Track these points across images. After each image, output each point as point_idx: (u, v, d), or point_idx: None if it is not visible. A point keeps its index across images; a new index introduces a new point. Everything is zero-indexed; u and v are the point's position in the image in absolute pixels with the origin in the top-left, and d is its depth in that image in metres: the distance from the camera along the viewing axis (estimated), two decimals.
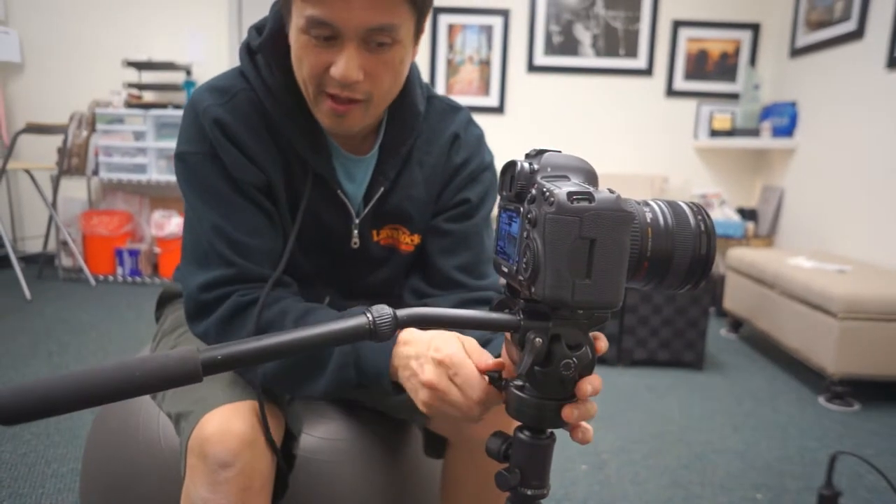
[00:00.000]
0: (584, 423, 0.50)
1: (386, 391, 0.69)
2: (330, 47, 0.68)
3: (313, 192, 0.81)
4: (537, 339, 0.46)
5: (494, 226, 0.57)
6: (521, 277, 0.47)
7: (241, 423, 0.68)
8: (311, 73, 0.71)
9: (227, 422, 0.68)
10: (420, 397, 0.62)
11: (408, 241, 0.89)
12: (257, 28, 0.79)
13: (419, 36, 0.76)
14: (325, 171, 0.80)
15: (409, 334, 0.67)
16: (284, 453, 0.77)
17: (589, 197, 0.43)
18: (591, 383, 0.49)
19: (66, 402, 0.35)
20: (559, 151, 0.49)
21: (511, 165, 0.50)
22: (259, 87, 0.77)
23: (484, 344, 0.75)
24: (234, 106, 0.76)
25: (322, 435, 0.89)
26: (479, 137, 0.91)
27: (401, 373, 0.66)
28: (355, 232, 0.85)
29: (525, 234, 0.46)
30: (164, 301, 1.02)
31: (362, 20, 0.66)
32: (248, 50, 0.79)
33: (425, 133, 0.87)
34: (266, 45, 0.76)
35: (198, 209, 0.77)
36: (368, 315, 0.45)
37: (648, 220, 0.48)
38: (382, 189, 0.84)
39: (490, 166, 0.91)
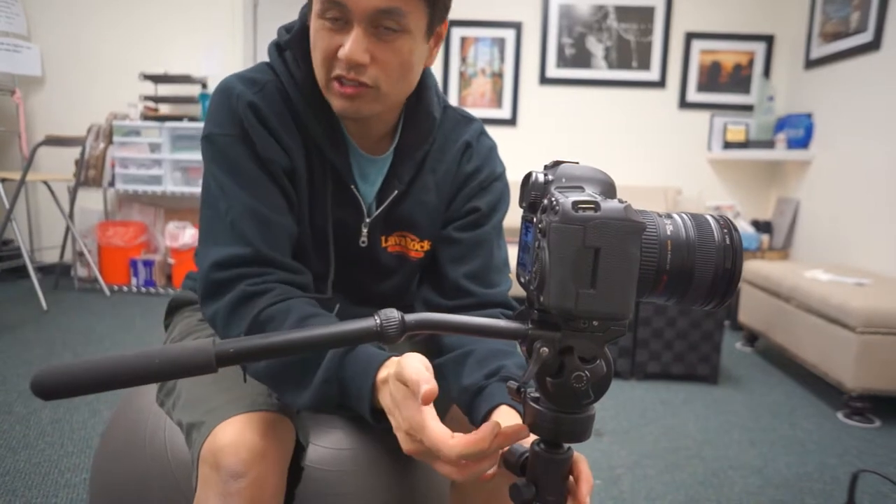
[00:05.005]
0: None
1: (365, 416, 0.66)
2: (341, 31, 0.71)
3: (330, 186, 0.83)
4: (543, 349, 0.46)
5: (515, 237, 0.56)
6: (531, 287, 0.47)
7: (254, 435, 0.68)
8: (322, 56, 0.73)
9: (240, 433, 0.68)
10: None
11: (417, 247, 0.89)
12: (287, 28, 0.83)
13: (435, 37, 0.78)
14: (341, 165, 0.82)
15: (385, 372, 0.63)
16: (293, 465, 0.76)
17: (595, 206, 0.43)
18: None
19: (94, 383, 0.40)
20: (577, 163, 0.49)
21: (528, 177, 0.50)
22: (286, 79, 0.80)
23: (477, 392, 0.74)
24: (264, 94, 0.79)
25: (329, 445, 0.89)
26: (491, 148, 0.92)
27: (388, 414, 0.63)
28: (364, 230, 0.86)
29: (536, 243, 0.46)
30: (174, 309, 1.02)
31: (370, 1, 0.68)
32: (277, 47, 0.82)
33: (438, 141, 0.88)
34: (293, 42, 0.80)
35: (226, 187, 0.77)
36: (376, 318, 0.46)
37: (668, 233, 0.47)
38: (396, 192, 0.85)
39: (501, 176, 0.92)
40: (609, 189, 0.47)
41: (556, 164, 0.49)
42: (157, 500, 0.85)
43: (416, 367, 0.55)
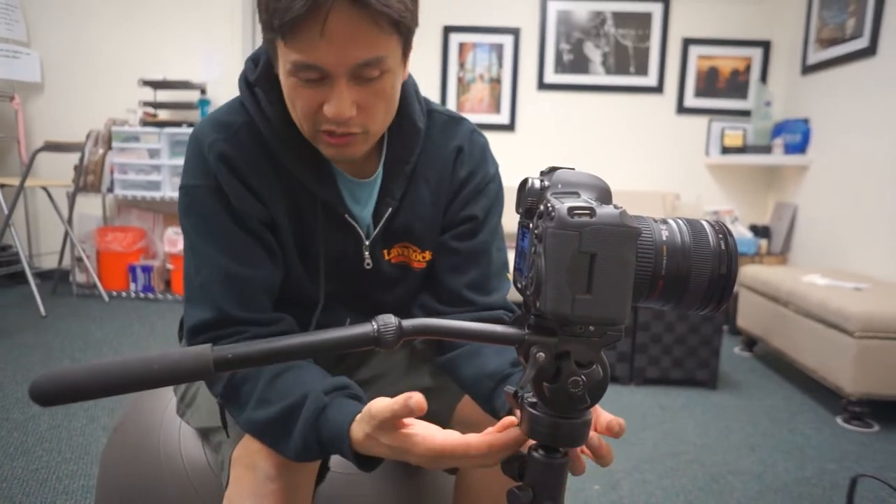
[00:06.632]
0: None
1: (350, 461, 0.65)
2: (320, 86, 0.67)
3: (322, 220, 0.80)
4: (539, 354, 0.46)
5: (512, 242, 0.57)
6: (528, 292, 0.47)
7: None
8: (304, 113, 0.70)
9: None
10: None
11: (419, 258, 0.88)
12: (254, 60, 0.78)
13: (408, 56, 0.74)
14: (331, 197, 0.79)
15: (361, 433, 0.61)
16: (321, 466, 0.78)
17: (590, 212, 0.43)
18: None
19: (93, 389, 0.40)
20: (573, 169, 0.49)
21: (524, 183, 0.50)
22: (259, 119, 0.76)
23: (502, 379, 0.75)
24: (237, 140, 0.76)
25: None
26: (483, 148, 0.90)
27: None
28: (366, 254, 0.84)
29: (533, 249, 0.46)
30: None
31: (349, 58, 0.65)
32: (246, 82, 0.78)
33: (428, 149, 0.86)
34: (262, 79, 0.76)
35: (196, 245, 0.76)
36: (374, 323, 0.46)
37: (664, 238, 0.48)
38: (391, 210, 0.83)
39: (495, 177, 0.90)
40: (604, 195, 0.48)
41: (552, 170, 0.50)
42: (169, 503, 0.86)
43: (383, 403, 0.56)
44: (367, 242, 0.84)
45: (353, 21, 0.62)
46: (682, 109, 3.76)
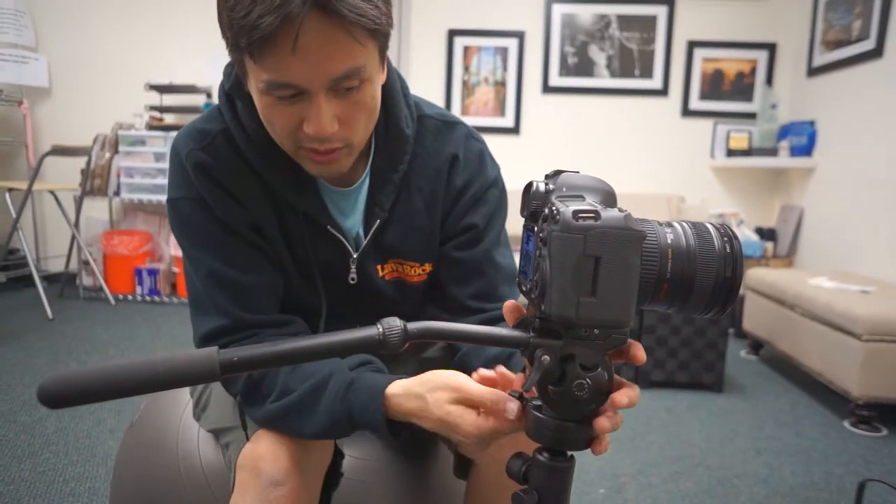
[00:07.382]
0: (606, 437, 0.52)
1: (383, 436, 0.67)
2: (297, 102, 0.64)
3: (306, 230, 0.78)
4: (544, 357, 0.47)
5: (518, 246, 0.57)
6: (532, 295, 0.47)
7: (294, 443, 0.69)
8: (284, 132, 0.67)
9: (281, 440, 0.69)
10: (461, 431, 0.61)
11: (418, 272, 0.84)
12: (232, 65, 0.73)
13: (384, 58, 0.71)
14: (312, 209, 0.77)
15: (396, 387, 0.66)
16: (333, 470, 0.77)
17: (595, 215, 0.43)
18: (628, 395, 0.50)
19: (100, 391, 0.40)
20: (577, 172, 0.49)
21: (528, 186, 0.50)
22: (237, 130, 0.74)
23: (507, 359, 0.75)
24: (214, 149, 0.74)
25: (358, 455, 0.91)
26: (480, 153, 0.85)
27: (412, 418, 0.66)
28: (353, 267, 0.81)
29: (538, 252, 0.46)
30: None
31: (325, 73, 0.61)
32: (224, 90, 0.75)
33: (420, 156, 0.81)
34: (234, 91, 0.73)
35: (191, 255, 0.76)
36: (379, 326, 0.46)
37: (669, 242, 0.48)
38: (379, 221, 0.80)
39: (495, 182, 0.86)
40: (609, 198, 0.48)
41: (557, 173, 0.50)
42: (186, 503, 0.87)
43: (479, 388, 0.60)
44: (354, 255, 0.80)
45: (327, 34, 0.58)
46: (687, 112, 3.75)
